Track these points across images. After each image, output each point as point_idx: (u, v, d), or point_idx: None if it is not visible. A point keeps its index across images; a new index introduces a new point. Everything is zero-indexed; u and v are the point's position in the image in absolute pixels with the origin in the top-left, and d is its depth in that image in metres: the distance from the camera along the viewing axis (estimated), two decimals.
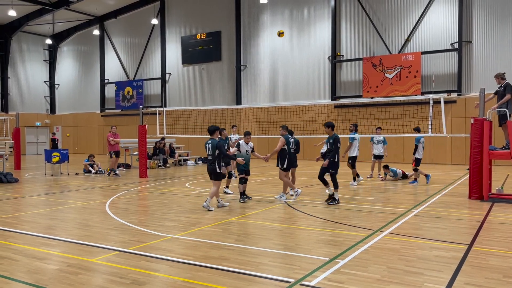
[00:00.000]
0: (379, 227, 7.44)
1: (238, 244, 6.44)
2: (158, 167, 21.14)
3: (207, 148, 9.55)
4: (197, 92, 30.23)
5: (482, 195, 10.37)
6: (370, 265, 5.36)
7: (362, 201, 10.43)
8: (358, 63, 24.45)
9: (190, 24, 30.41)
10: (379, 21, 23.97)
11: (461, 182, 14.12)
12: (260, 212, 9.13)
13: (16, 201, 10.95)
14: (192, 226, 7.69)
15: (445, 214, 8.65)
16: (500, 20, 20.97)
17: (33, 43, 36.72)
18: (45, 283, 4.84)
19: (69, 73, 37.40)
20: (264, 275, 5.04)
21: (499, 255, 5.79)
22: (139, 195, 11.96)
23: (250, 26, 27.97)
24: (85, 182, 15.05)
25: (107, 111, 34.84)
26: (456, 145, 21.71)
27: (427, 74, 22.47)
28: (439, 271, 5.10)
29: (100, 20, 34.36)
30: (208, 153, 9.51)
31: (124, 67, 33.90)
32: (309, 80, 25.96)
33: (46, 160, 17.70)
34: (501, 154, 10.48)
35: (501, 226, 7.65)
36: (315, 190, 12.27)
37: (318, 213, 8.91)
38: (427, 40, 22.67)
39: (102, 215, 8.90)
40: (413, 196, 11.23)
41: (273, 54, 27.18)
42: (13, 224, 8.01)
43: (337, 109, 24.50)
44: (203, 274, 5.07)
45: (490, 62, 21.18)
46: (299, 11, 26.26)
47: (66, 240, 6.81)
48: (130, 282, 4.85)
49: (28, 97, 36.60)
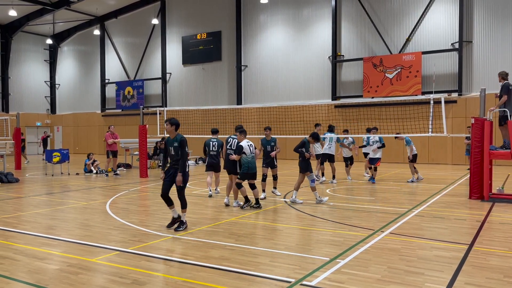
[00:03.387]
0: (379, 227, 7.44)
1: (239, 244, 6.44)
2: (159, 167, 21.14)
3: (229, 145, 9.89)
4: (197, 92, 30.23)
5: (483, 195, 10.37)
6: (370, 265, 5.36)
7: (362, 201, 10.42)
8: (359, 63, 24.45)
9: (191, 24, 30.42)
10: (379, 21, 23.96)
11: (462, 182, 14.12)
12: (260, 212, 9.13)
13: (17, 201, 10.95)
14: (192, 226, 7.69)
15: (445, 214, 8.65)
16: (501, 20, 20.96)
17: (34, 43, 36.75)
18: (45, 283, 4.85)
19: (70, 73, 37.42)
20: (264, 275, 5.04)
21: (500, 255, 5.78)
22: (140, 195, 11.96)
23: (250, 26, 27.97)
24: (86, 182, 15.06)
25: (108, 111, 34.86)
26: (457, 145, 21.69)
27: (428, 74, 22.46)
28: (440, 271, 5.10)
29: (100, 20, 34.38)
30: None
31: (125, 67, 33.91)
32: (310, 80, 25.95)
33: (47, 160, 17.71)
34: (501, 154, 10.47)
35: (501, 226, 7.64)
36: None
37: (318, 213, 8.90)
38: (428, 40, 22.66)
39: (103, 215, 8.91)
40: (413, 196, 11.22)
41: (274, 54, 27.19)
42: (14, 224, 8.01)
43: (337, 109, 24.50)
44: (203, 274, 5.07)
45: (490, 62, 21.17)
46: (300, 11, 26.26)
47: (67, 240, 6.82)
48: (131, 282, 4.85)
49: (28, 97, 36.63)
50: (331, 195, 11.38)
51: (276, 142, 11.05)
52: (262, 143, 11.13)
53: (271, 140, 11.07)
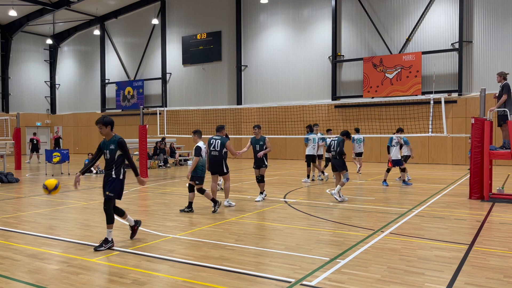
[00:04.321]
0: (379, 227, 7.44)
1: (239, 244, 6.44)
2: (159, 167, 21.15)
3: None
4: (197, 92, 30.24)
5: (483, 195, 10.37)
6: (370, 265, 5.35)
7: (362, 201, 10.42)
8: (359, 63, 24.45)
9: (191, 24, 30.42)
10: (379, 21, 23.96)
11: (462, 182, 14.11)
12: (261, 212, 9.13)
13: (17, 201, 10.95)
14: (192, 226, 7.69)
15: (445, 214, 8.65)
16: (501, 20, 20.96)
17: (34, 43, 36.76)
18: (46, 283, 4.85)
19: (70, 73, 37.43)
20: (264, 275, 5.04)
21: (500, 255, 5.78)
22: (140, 195, 11.95)
23: (250, 26, 27.98)
24: (86, 182, 15.06)
25: (108, 111, 34.85)
26: (457, 145, 21.70)
27: (428, 74, 22.47)
28: (440, 271, 5.10)
29: (100, 20, 34.38)
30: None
31: (125, 67, 33.91)
32: (310, 80, 25.95)
33: (47, 160, 17.71)
34: (501, 154, 10.47)
35: (501, 226, 7.64)
36: (315, 190, 12.26)
37: (318, 213, 8.90)
38: (428, 40, 22.66)
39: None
40: (413, 196, 11.22)
41: (274, 54, 27.19)
42: (14, 224, 8.01)
43: (337, 109, 24.50)
44: (203, 274, 5.07)
45: (490, 62, 21.17)
46: (300, 11, 26.26)
47: (67, 240, 6.82)
48: (131, 282, 4.85)
49: (28, 97, 36.64)
50: (331, 195, 11.35)
51: (265, 141, 10.59)
52: (251, 142, 10.80)
53: (260, 139, 10.67)
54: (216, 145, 9.64)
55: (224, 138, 9.78)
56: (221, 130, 9.92)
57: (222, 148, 9.63)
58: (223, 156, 9.67)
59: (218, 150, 9.61)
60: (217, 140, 9.66)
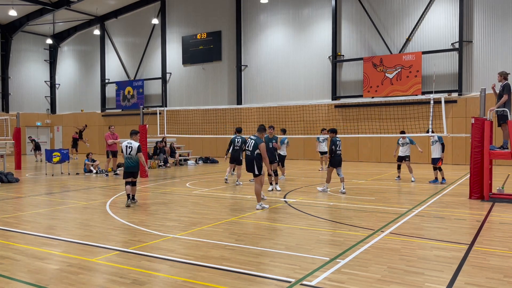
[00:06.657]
0: (379, 227, 7.44)
1: (239, 244, 6.44)
2: (159, 167, 21.14)
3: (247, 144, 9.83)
4: (197, 92, 30.23)
5: (483, 195, 10.37)
6: (370, 265, 5.36)
7: (362, 201, 10.42)
8: (359, 63, 24.45)
9: (191, 24, 30.42)
10: (379, 21, 23.96)
11: (462, 182, 14.12)
12: (261, 212, 9.13)
13: (17, 201, 10.95)
14: (192, 226, 7.69)
15: (445, 214, 8.65)
16: (501, 19, 20.96)
17: (34, 43, 36.75)
18: (46, 283, 4.85)
19: (70, 73, 37.42)
20: (264, 275, 5.04)
21: (500, 255, 5.78)
22: (140, 195, 11.95)
23: (250, 26, 27.97)
24: (86, 182, 15.06)
25: (108, 111, 34.86)
26: (457, 145, 21.69)
27: (428, 74, 22.46)
28: (440, 271, 5.10)
29: (100, 20, 34.38)
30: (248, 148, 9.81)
31: (125, 67, 33.91)
32: (310, 80, 25.95)
33: (47, 160, 17.71)
34: (501, 154, 10.47)
35: (501, 226, 7.64)
36: (315, 190, 12.26)
37: (318, 213, 8.91)
38: (428, 40, 22.66)
39: (103, 215, 8.91)
40: (413, 196, 11.22)
41: (274, 54, 27.18)
42: (14, 224, 8.01)
43: (337, 109, 24.50)
44: (203, 274, 5.07)
45: (490, 62, 21.17)
46: (300, 11, 26.26)
47: (67, 240, 6.82)
48: (131, 282, 4.85)
49: (28, 97, 36.63)
50: (332, 195, 11.38)
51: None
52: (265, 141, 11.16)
53: (273, 138, 12.47)
54: (250, 145, 9.70)
55: (259, 139, 9.67)
56: (261, 131, 9.88)
57: (255, 149, 9.57)
58: (255, 157, 9.55)
59: (250, 150, 9.64)
60: (252, 140, 9.70)
